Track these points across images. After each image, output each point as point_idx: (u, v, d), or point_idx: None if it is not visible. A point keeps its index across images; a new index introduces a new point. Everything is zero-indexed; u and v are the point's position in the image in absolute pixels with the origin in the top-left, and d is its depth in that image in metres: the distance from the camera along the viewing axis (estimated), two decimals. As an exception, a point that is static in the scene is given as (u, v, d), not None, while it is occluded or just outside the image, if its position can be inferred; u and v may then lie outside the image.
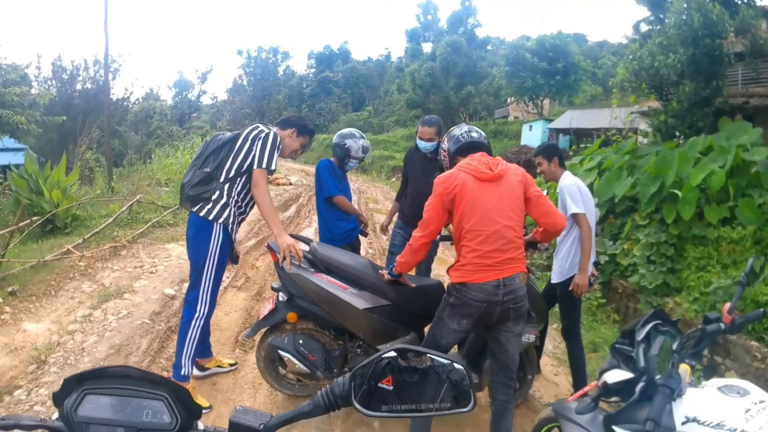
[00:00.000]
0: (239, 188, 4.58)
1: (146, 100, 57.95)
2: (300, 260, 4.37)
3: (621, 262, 9.30)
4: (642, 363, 2.43)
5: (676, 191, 8.96)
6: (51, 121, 21.42)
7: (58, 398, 1.16)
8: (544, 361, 6.45)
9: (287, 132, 4.97)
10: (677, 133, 13.40)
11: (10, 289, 7.07)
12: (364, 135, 6.13)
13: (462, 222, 3.69)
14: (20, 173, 11.36)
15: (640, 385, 2.33)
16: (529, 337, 4.54)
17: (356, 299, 4.35)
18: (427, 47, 55.83)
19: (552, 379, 6.03)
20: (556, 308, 5.43)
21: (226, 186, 4.53)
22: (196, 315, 4.50)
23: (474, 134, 4.06)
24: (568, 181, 5.07)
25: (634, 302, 8.75)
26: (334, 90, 74.13)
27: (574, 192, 4.96)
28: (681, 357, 2.57)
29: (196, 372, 5.09)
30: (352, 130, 6.08)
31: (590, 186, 10.35)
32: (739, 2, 15.23)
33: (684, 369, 2.47)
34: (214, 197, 4.51)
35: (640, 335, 2.56)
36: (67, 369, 5.20)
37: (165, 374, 5.01)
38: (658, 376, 2.28)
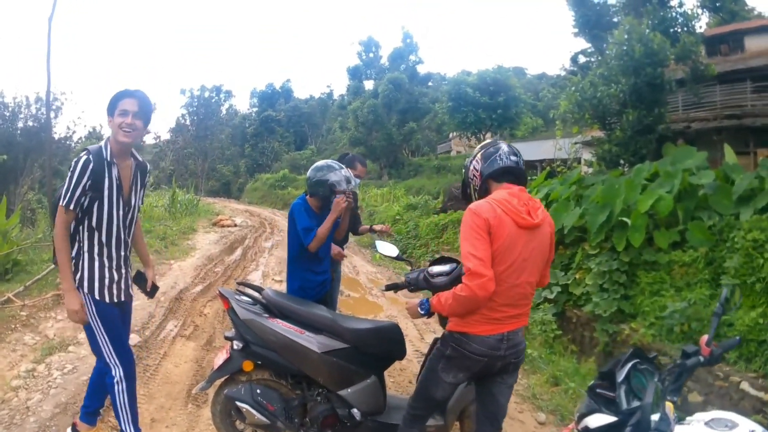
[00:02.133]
0: (81, 227, 4.05)
1: (89, 139, 57.07)
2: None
3: (574, 291, 9.29)
4: (625, 405, 2.39)
5: (625, 219, 9.03)
6: (-9, 160, 20.79)
7: None
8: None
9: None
10: (622, 161, 13.60)
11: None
12: (341, 165, 5.34)
13: None
14: (-44, 216, 10.87)
15: (628, 430, 2.23)
16: None
17: (313, 343, 4.18)
18: (369, 84, 56.00)
19: (517, 416, 5.89)
20: None
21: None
22: (116, 379, 4.13)
23: (513, 158, 3.53)
24: None
25: (589, 331, 8.72)
26: (277, 129, 74.01)
27: None
28: (663, 394, 2.47)
29: None
30: (328, 161, 5.29)
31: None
32: (679, 30, 15.61)
33: (668, 406, 2.39)
34: (73, 253, 4.07)
35: (621, 376, 2.50)
36: (14, 429, 4.89)
37: (114, 432, 4.78)
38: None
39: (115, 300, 4.13)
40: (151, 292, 4.63)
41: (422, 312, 3.61)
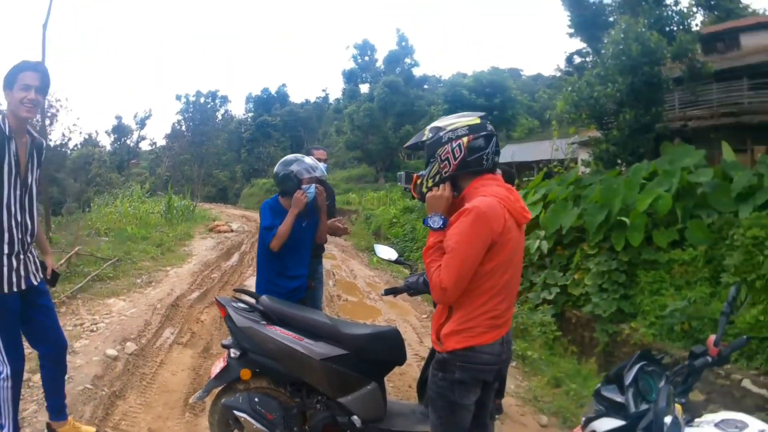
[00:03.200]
0: None
1: (85, 146, 56.96)
2: None
3: (573, 292, 9.30)
4: (633, 408, 2.35)
5: (624, 218, 9.04)
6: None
7: None
8: (509, 402, 6.26)
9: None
10: (619, 161, 13.59)
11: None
12: (309, 155, 5.21)
13: (492, 276, 2.91)
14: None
15: None
16: None
17: (312, 350, 4.10)
18: (364, 88, 55.96)
19: (519, 419, 5.83)
20: None
21: None
22: (2, 376, 4.00)
23: (497, 157, 3.08)
24: None
25: (589, 331, 8.71)
26: (273, 134, 73.79)
27: None
28: (673, 396, 2.41)
29: None
30: (294, 155, 5.13)
31: (536, 218, 10.35)
32: (675, 29, 15.62)
33: (676, 408, 2.33)
34: None
35: (629, 379, 2.45)
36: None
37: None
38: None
39: (15, 289, 3.94)
40: (52, 280, 4.49)
41: (433, 224, 3.00)
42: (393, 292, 4.57)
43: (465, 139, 2.94)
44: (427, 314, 10.07)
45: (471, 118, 3.03)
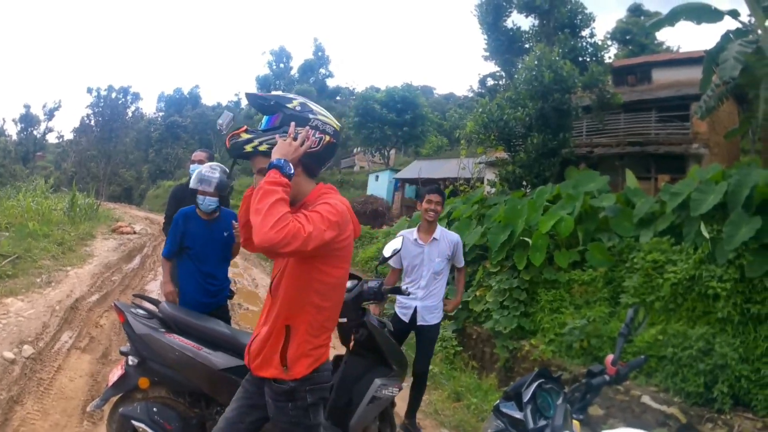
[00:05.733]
0: None
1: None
2: None
3: (474, 308, 9.45)
4: (532, 425, 2.35)
5: (527, 239, 9.22)
6: None
7: None
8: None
9: None
10: (525, 183, 13.87)
11: None
12: (219, 169, 4.99)
13: (341, 287, 2.87)
14: None
15: None
16: (393, 391, 4.41)
17: (212, 360, 4.02)
18: (277, 95, 55.84)
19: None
20: None
21: None
22: None
23: None
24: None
25: (490, 347, 8.85)
26: (182, 135, 72.45)
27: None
28: (570, 413, 2.47)
29: None
30: (208, 163, 5.15)
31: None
32: (589, 60, 16.09)
33: (575, 425, 2.38)
34: None
35: (527, 396, 2.46)
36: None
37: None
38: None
39: None
40: None
41: (286, 168, 2.57)
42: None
43: (327, 138, 2.81)
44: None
45: (335, 122, 2.89)
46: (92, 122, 70.60)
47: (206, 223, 4.92)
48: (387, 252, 4.85)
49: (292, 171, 2.60)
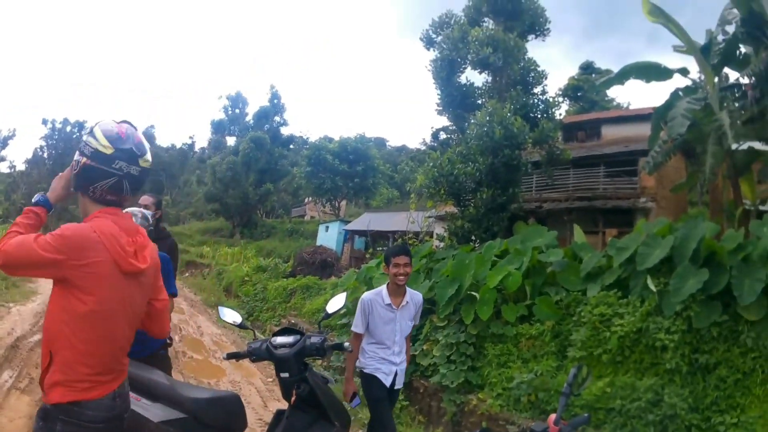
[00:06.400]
0: None
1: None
2: None
3: (421, 362, 9.35)
4: None
5: (474, 293, 9.22)
6: None
7: None
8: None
9: None
10: (473, 237, 13.90)
11: None
12: (140, 215, 4.74)
13: (90, 321, 2.70)
14: None
15: None
16: None
17: (150, 411, 3.84)
18: (231, 140, 55.64)
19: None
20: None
21: None
22: None
23: (144, 165, 2.92)
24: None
25: (437, 401, 8.75)
26: (134, 175, 72.07)
27: None
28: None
29: None
30: (133, 209, 4.69)
31: (387, 289, 10.54)
32: (539, 116, 16.33)
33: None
34: None
35: None
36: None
37: None
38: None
39: None
40: None
41: (36, 198, 2.85)
42: (235, 356, 4.44)
43: (84, 160, 2.73)
44: (272, 377, 9.83)
45: (103, 143, 2.75)
46: (45, 154, 69.58)
47: None
48: (330, 308, 4.73)
49: (37, 199, 2.83)
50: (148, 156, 2.96)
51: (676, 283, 7.25)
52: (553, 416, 2.64)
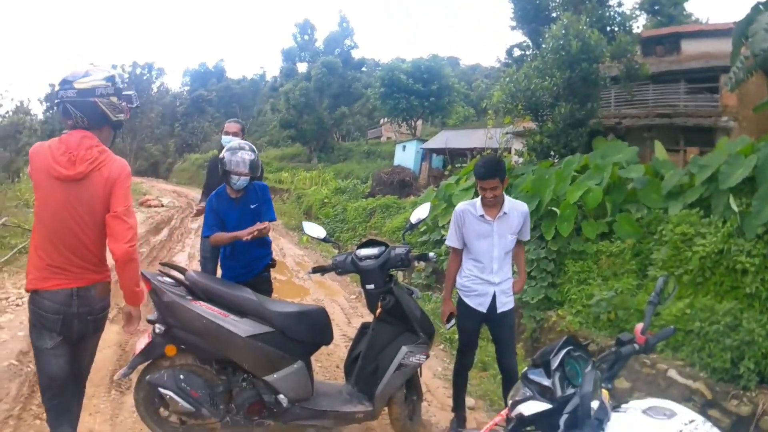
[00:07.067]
0: None
1: (16, 114, 55.15)
2: None
3: (501, 279, 9.32)
4: (560, 392, 2.35)
5: (554, 209, 9.12)
6: None
7: None
8: (436, 384, 6.30)
9: None
10: (552, 153, 13.71)
11: None
12: (248, 148, 4.91)
13: (37, 217, 3.29)
14: None
15: (564, 417, 2.16)
16: (420, 358, 4.45)
17: (238, 327, 4.04)
18: (302, 67, 55.48)
19: (446, 402, 5.84)
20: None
21: None
22: None
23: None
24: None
25: (517, 317, 8.79)
26: (208, 109, 72.63)
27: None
28: (600, 382, 2.42)
29: None
30: (240, 141, 5.06)
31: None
32: (617, 29, 15.85)
33: (603, 394, 2.34)
34: None
35: (555, 363, 2.43)
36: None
37: (38, 422, 4.65)
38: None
39: None
40: None
41: None
42: (320, 270, 4.57)
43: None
44: (356, 294, 10.05)
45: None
46: (117, 99, 70.74)
47: (235, 200, 4.89)
48: (414, 218, 4.76)
49: None
50: (87, 78, 3.38)
51: (758, 205, 6.90)
52: (640, 326, 2.65)
